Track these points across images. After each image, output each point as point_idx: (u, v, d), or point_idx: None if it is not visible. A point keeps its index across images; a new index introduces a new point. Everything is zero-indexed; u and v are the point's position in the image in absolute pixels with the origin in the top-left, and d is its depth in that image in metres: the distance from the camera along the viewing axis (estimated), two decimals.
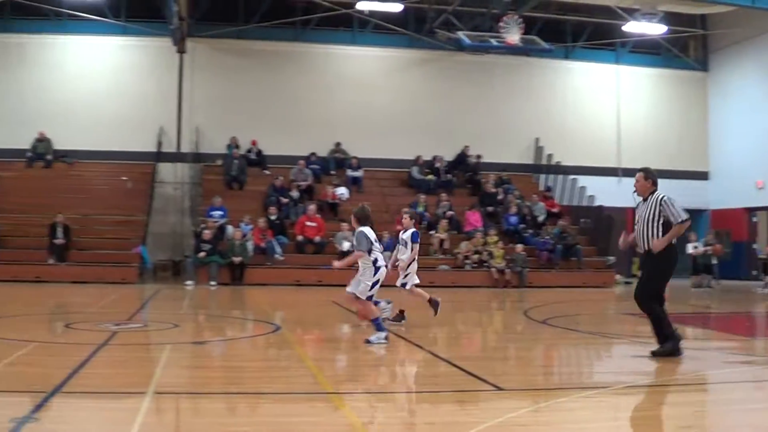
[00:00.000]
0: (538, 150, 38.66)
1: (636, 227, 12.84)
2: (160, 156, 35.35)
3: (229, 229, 30.77)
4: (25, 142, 35.08)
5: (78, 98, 35.71)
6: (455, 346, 12.99)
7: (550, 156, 38.16)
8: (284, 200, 32.95)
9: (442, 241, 31.99)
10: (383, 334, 13.98)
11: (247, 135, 35.73)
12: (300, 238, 30.86)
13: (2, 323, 16.05)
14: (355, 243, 14.25)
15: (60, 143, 35.44)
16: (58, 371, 10.69)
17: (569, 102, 39.30)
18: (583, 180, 37.04)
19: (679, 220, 12.30)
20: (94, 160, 35.41)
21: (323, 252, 30.83)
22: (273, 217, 31.36)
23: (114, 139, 35.26)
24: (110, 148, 35.23)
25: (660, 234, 12.40)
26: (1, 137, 34.82)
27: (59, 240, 29.52)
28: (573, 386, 11.04)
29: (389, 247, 30.99)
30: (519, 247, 31.76)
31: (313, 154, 35.91)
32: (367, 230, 14.14)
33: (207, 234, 29.71)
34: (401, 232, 17.38)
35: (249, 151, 35.90)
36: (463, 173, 37.02)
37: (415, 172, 36.19)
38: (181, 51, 35.74)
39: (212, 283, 28.96)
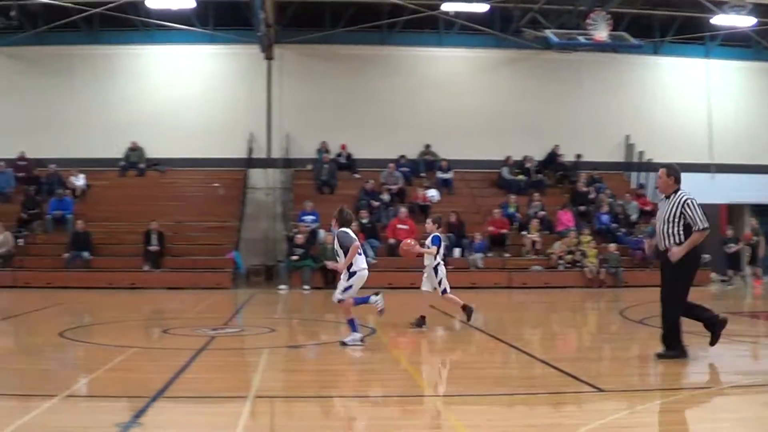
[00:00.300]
0: (629, 147, 38.16)
1: (657, 226, 12.54)
2: (251, 162, 35.62)
3: (321, 233, 30.86)
4: (117, 152, 35.64)
5: (168, 107, 36.15)
6: (551, 347, 12.86)
7: (641, 153, 37.67)
8: (375, 203, 32.96)
9: (534, 241, 31.77)
10: (358, 336, 14.03)
11: (337, 139, 35.82)
12: (392, 241, 30.82)
13: (100, 329, 16.27)
14: (341, 243, 14.06)
15: (152, 152, 35.92)
16: (159, 376, 10.79)
17: (659, 98, 38.72)
18: None
19: (701, 227, 11.92)
20: (186, 168, 35.82)
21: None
22: (364, 221, 31.36)
23: (205, 147, 35.61)
24: (202, 156, 35.59)
25: (680, 235, 12.06)
26: (94, 147, 35.39)
27: (154, 247, 29.89)
28: (672, 387, 10.87)
29: (481, 248, 31.00)
30: (612, 246, 31.38)
31: (402, 156, 35.87)
32: (348, 230, 14.24)
33: (299, 238, 29.84)
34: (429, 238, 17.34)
35: (339, 155, 35.99)
36: (553, 173, 36.72)
37: (505, 172, 35.98)
38: (269, 57, 36.02)
39: (305, 287, 29.03)
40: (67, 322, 17.78)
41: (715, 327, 12.45)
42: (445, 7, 34.51)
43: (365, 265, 14.32)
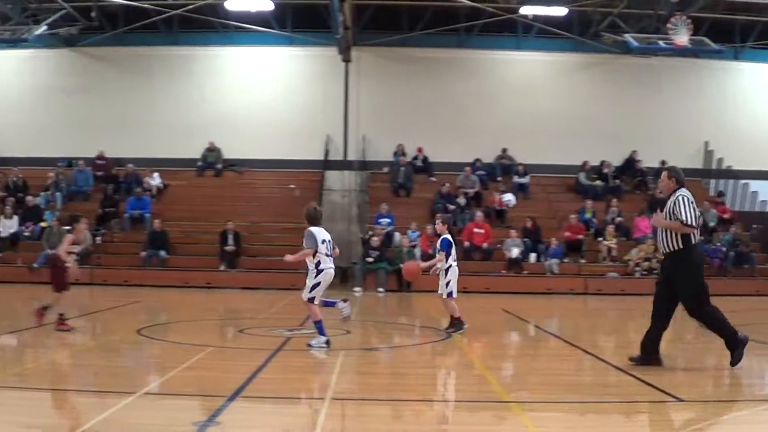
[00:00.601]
0: (708, 154, 37.61)
1: (658, 229, 12.37)
2: (327, 164, 35.70)
3: (397, 236, 30.87)
4: (195, 152, 35.95)
5: (246, 108, 36.37)
6: (626, 355, 12.66)
7: (720, 160, 37.15)
8: (451, 207, 32.82)
9: (610, 248, 31.44)
10: (324, 339, 13.96)
11: (413, 142, 35.74)
12: (467, 244, 30.71)
13: (176, 328, 16.36)
14: (305, 241, 14.10)
15: (229, 152, 36.16)
16: (236, 376, 10.81)
17: (739, 104, 38.10)
18: (755, 185, 36.03)
19: (686, 222, 11.74)
20: (262, 169, 36.01)
21: (491, 259, 30.70)
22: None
23: (282, 148, 35.76)
24: (278, 157, 35.74)
25: (676, 235, 11.88)
26: (171, 147, 35.75)
27: (230, 247, 30.06)
28: (754, 398, 10.66)
29: (556, 254, 30.75)
30: None
31: (477, 160, 35.70)
32: (315, 230, 14.17)
33: (375, 241, 29.84)
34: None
35: (415, 158, 35.93)
36: (631, 178, 36.29)
37: (582, 177, 35.67)
38: (347, 60, 36.07)
39: (380, 289, 29.03)
40: (144, 320, 17.92)
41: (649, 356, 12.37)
42: (524, 10, 34.29)
43: (332, 265, 14.30)
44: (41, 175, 34.99)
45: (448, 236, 16.82)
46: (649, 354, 12.29)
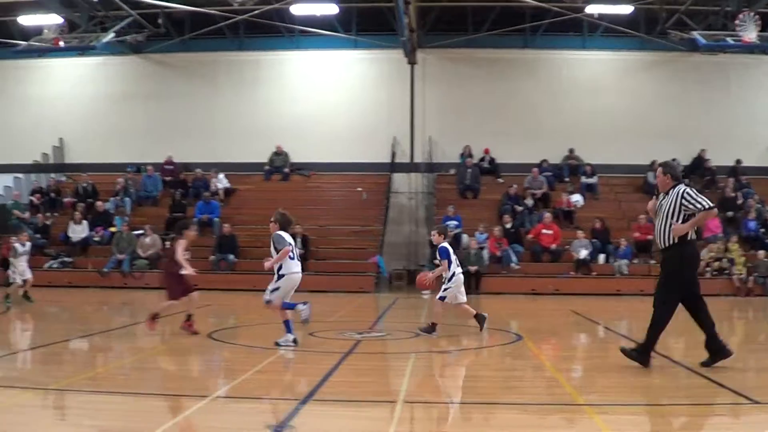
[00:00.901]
0: None
1: (655, 224, 12.19)
2: (394, 167, 35.67)
3: (464, 238, 30.76)
4: (262, 156, 36.16)
5: (312, 112, 36.52)
6: (698, 357, 12.45)
7: None
8: (519, 208, 32.69)
9: None
10: (291, 337, 14.21)
11: (480, 143, 35.64)
12: (536, 246, 30.55)
13: (246, 331, 16.42)
14: (275, 245, 14.50)
15: (296, 156, 36.32)
16: (307, 379, 10.83)
17: None
18: None
19: (706, 206, 11.59)
20: (329, 172, 36.12)
21: (559, 260, 30.48)
22: (508, 226, 31.16)
23: (348, 151, 35.85)
24: (345, 160, 35.85)
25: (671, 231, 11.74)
26: (239, 151, 36.04)
27: (298, 250, 30.07)
28: None
29: (626, 254, 30.45)
30: (761, 253, 30.38)
31: (545, 161, 35.48)
32: (285, 234, 14.68)
33: None
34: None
35: (482, 159, 35.81)
36: (700, 177, 35.81)
37: (651, 177, 35.17)
38: (412, 62, 36.07)
39: None
40: (214, 323, 18.02)
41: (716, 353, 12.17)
42: (590, 9, 33.98)
43: (297, 270, 14.73)
44: (110, 181, 35.45)
45: (446, 244, 16.67)
46: (716, 352, 12.12)
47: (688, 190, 11.84)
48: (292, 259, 14.63)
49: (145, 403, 9.79)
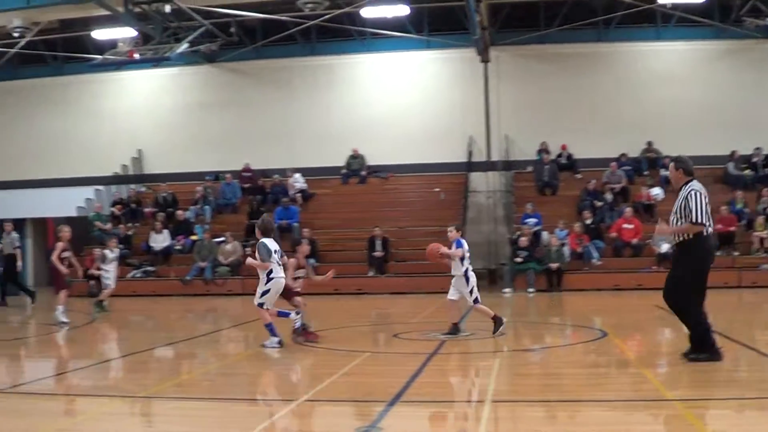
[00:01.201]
0: None
1: (669, 220, 11.92)
2: (471, 166, 35.51)
3: (544, 235, 30.53)
4: (339, 160, 36.24)
5: (386, 114, 36.52)
6: None
7: None
8: (598, 203, 32.38)
9: (762, 239, 30.51)
10: (276, 340, 14.56)
11: (557, 139, 35.32)
12: (617, 241, 30.27)
13: (330, 335, 16.36)
14: (259, 254, 14.72)
15: (372, 159, 36.32)
16: (394, 380, 10.78)
17: None
18: None
19: (694, 219, 11.36)
20: (406, 174, 36.04)
21: (641, 255, 30.12)
22: (588, 221, 30.89)
23: (424, 152, 35.77)
24: (421, 161, 35.76)
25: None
26: (315, 156, 36.17)
27: (378, 252, 30.14)
28: None
29: None
30: None
31: (623, 155, 35.07)
32: (268, 241, 14.82)
33: (523, 241, 29.58)
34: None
35: (559, 155, 35.51)
36: None
37: (731, 167, 34.70)
38: (485, 60, 35.91)
39: (530, 290, 28.72)
40: None
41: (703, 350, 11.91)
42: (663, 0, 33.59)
43: (282, 274, 14.86)
44: (189, 190, 35.82)
45: (461, 239, 16.48)
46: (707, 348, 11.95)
47: (695, 191, 11.61)
48: (278, 264, 14.83)
49: (232, 409, 9.84)
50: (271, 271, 14.64)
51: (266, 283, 14.66)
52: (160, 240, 32.29)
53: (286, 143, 36.60)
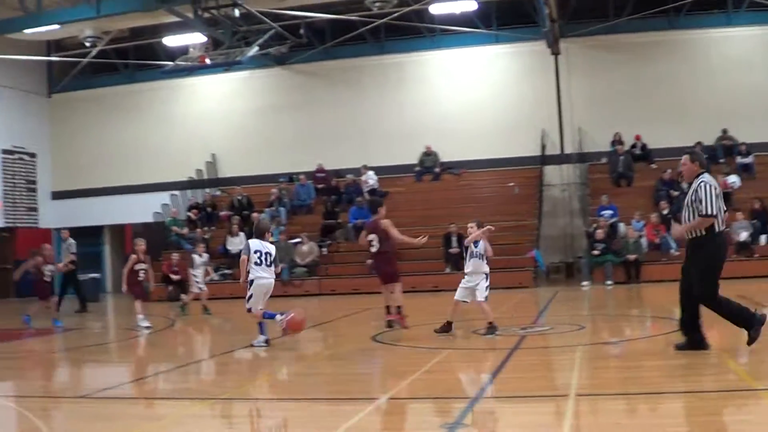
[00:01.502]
0: None
1: (682, 213, 11.91)
2: (544, 159, 35.31)
3: (621, 226, 30.31)
4: (411, 158, 36.24)
5: (457, 110, 36.51)
6: None
7: None
8: (674, 193, 32.03)
9: None
10: (263, 338, 15.19)
11: (630, 130, 34.95)
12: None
13: (410, 333, 16.29)
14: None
15: (445, 155, 36.26)
16: (476, 377, 10.83)
17: None
18: None
19: (704, 212, 11.35)
20: (479, 169, 35.98)
21: None
22: (665, 212, 30.59)
23: (496, 147, 35.69)
24: (494, 156, 35.69)
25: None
26: (388, 155, 36.26)
27: (454, 249, 30.08)
28: None
29: None
30: None
31: (698, 143, 34.56)
32: (253, 242, 15.18)
33: (599, 233, 29.39)
34: (470, 242, 16.61)
35: (633, 146, 35.18)
36: None
37: None
38: (555, 52, 35.68)
39: (608, 282, 28.54)
40: (377, 326, 18.03)
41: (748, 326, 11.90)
42: None
43: (265, 275, 15.11)
44: (263, 192, 36.15)
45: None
46: (692, 339, 12.04)
47: (705, 183, 11.57)
48: (259, 265, 15.01)
49: (318, 408, 9.89)
50: (249, 273, 15.00)
51: (248, 287, 15.09)
52: (237, 243, 32.47)
53: (359, 143, 36.75)
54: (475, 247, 16.40)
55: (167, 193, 37.62)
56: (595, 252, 29.27)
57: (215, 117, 39.16)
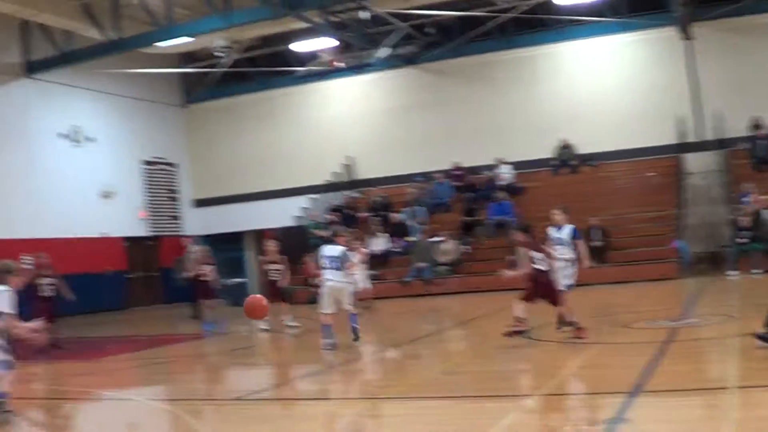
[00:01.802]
0: None
1: None
2: (682, 147, 34.70)
3: (766, 213, 29.60)
4: (547, 151, 35.95)
5: (590, 100, 36.11)
6: None
7: None
8: None
9: None
10: (329, 341, 15.93)
11: None
12: None
13: (555, 329, 16.18)
14: None
15: (581, 147, 35.89)
16: (631, 371, 10.72)
17: None
18: None
19: None
20: (616, 160, 35.50)
21: None
22: None
23: (631, 136, 35.16)
24: (629, 146, 35.16)
25: None
26: (523, 149, 36.05)
27: (596, 242, 29.71)
28: None
29: None
30: None
31: None
32: (323, 247, 16.43)
33: (744, 221, 28.77)
34: (555, 230, 15.96)
35: None
36: None
37: None
38: (688, 37, 35.04)
39: (755, 271, 27.85)
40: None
41: None
42: None
43: (331, 277, 16.00)
44: (400, 192, 36.33)
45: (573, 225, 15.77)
46: None
47: None
48: (327, 268, 16.15)
49: (471, 406, 9.96)
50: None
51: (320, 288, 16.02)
52: (378, 243, 32.76)
53: (493, 139, 36.59)
54: (565, 236, 15.87)
55: (304, 197, 38.06)
56: (742, 240, 28.65)
57: (348, 119, 39.53)
